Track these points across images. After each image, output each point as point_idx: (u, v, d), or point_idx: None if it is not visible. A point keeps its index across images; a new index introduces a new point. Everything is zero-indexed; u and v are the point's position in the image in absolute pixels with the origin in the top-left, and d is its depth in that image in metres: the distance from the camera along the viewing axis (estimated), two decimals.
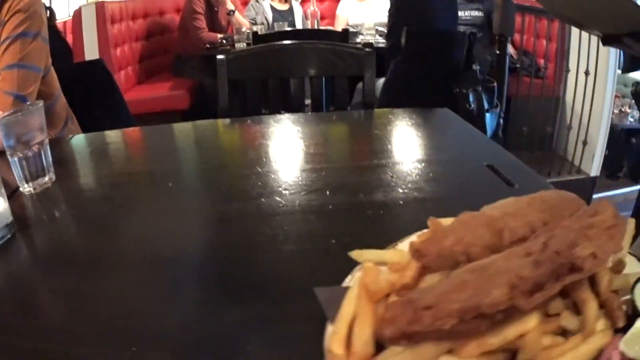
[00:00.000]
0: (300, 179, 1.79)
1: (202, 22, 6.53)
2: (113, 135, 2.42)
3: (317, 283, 1.03)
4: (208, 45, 6.30)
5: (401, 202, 1.62)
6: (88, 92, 2.98)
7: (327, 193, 1.67)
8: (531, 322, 0.83)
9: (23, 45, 2.42)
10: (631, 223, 1.07)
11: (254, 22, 6.88)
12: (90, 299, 1.21)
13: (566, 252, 0.85)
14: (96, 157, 2.25)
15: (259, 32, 5.59)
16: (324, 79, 3.01)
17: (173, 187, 1.81)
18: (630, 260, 1.06)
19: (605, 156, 5.71)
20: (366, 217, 1.56)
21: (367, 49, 2.82)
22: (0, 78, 2.39)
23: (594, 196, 5.57)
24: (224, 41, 6.41)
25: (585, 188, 5.62)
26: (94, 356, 1.04)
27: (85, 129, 2.85)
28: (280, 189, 1.69)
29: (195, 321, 1.13)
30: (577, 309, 0.91)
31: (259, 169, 1.90)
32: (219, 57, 2.83)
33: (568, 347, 0.85)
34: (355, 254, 1.08)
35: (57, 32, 5.26)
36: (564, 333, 0.89)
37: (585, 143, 5.67)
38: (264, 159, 2.02)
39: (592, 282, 0.93)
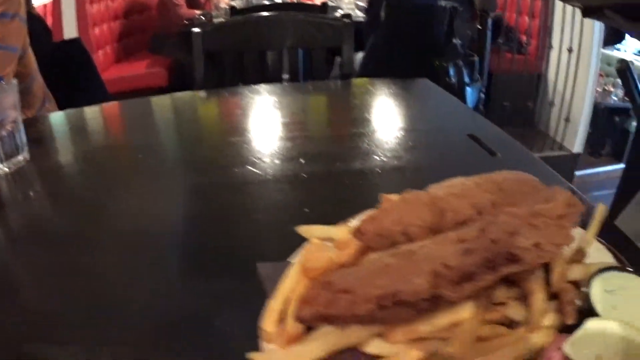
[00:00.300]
0: (274, 148, 1.75)
1: None
2: (89, 112, 2.38)
3: (289, 253, 1.01)
4: (186, 22, 6.25)
5: (379, 170, 1.58)
6: (65, 72, 2.93)
7: (302, 162, 1.63)
8: (465, 312, 0.80)
9: (1, 27, 2.38)
10: (601, 209, 1.05)
11: None
12: (64, 277, 1.19)
13: (505, 240, 0.81)
14: (72, 134, 2.21)
15: (237, 7, 5.55)
16: (301, 51, 2.97)
17: (146, 159, 1.78)
18: (597, 248, 1.04)
19: (588, 134, 5.71)
20: (343, 186, 1.53)
21: (345, 20, 2.79)
22: None
23: (577, 173, 5.58)
24: (202, 17, 6.35)
25: (567, 165, 5.63)
26: (66, 335, 1.01)
27: (62, 109, 2.81)
28: (253, 158, 1.65)
29: (166, 295, 1.10)
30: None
31: (233, 139, 1.87)
32: (195, 30, 2.78)
33: (504, 342, 0.81)
34: (302, 230, 1.06)
35: (36, 15, 5.20)
36: (515, 324, 0.85)
37: (567, 120, 5.67)
38: (239, 130, 1.99)
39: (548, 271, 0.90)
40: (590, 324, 0.77)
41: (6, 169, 1.70)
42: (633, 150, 2.43)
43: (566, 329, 0.81)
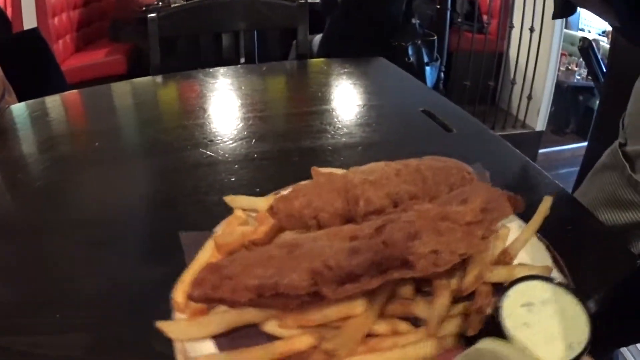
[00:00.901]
0: (228, 129, 1.75)
1: None
2: (49, 101, 2.36)
3: None
4: (145, 8, 6.22)
5: (330, 147, 1.59)
6: (24, 63, 2.91)
7: (253, 142, 1.63)
8: (356, 308, 0.82)
9: None
10: (546, 201, 1.08)
11: None
12: (23, 267, 1.19)
13: (401, 244, 0.80)
14: (30, 124, 2.19)
15: None
16: (257, 33, 2.96)
17: (104, 146, 1.77)
18: (537, 248, 1.05)
19: (551, 112, 5.75)
20: (292, 164, 1.53)
21: (300, 1, 2.78)
22: None
23: (540, 151, 5.62)
24: (160, 3, 6.32)
25: (530, 142, 5.66)
26: (19, 326, 1.01)
27: (22, 101, 2.80)
28: (205, 140, 1.65)
29: (118, 282, 1.09)
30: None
31: (187, 123, 1.86)
32: (150, 15, 2.77)
33: (394, 343, 0.81)
34: (228, 199, 1.11)
35: None
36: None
37: (529, 98, 5.70)
38: (194, 113, 1.97)
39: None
40: (483, 344, 0.75)
41: None
42: (595, 128, 2.45)
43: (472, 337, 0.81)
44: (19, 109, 2.32)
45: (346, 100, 2.03)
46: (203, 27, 2.92)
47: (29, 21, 5.65)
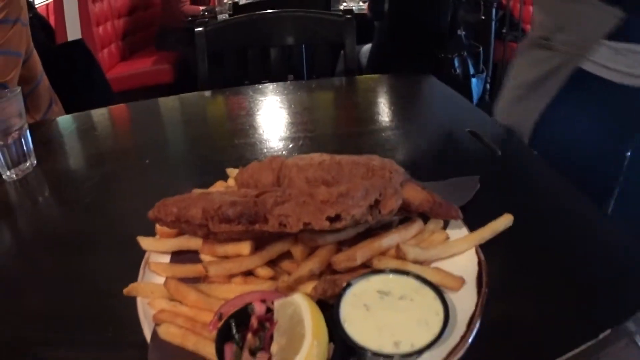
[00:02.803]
0: (277, 148, 1.76)
1: None
2: (95, 115, 2.39)
3: None
4: (190, 18, 6.26)
5: None
6: (70, 74, 2.94)
7: None
8: (244, 250, 1.09)
9: (3, 32, 2.40)
10: (503, 218, 1.19)
11: None
12: (71, 283, 1.22)
13: (267, 206, 1.05)
14: (78, 137, 2.23)
15: (240, 3, 5.55)
16: (304, 47, 2.95)
17: (150, 163, 1.79)
18: (468, 260, 1.12)
19: None
20: None
21: (347, 16, 2.78)
22: None
23: None
24: (206, 13, 6.36)
25: None
26: (71, 341, 1.04)
27: (68, 111, 2.82)
28: (256, 160, 1.65)
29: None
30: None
31: (236, 141, 1.88)
32: (197, 29, 2.78)
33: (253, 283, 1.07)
34: (228, 170, 1.49)
35: (39, 18, 5.18)
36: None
37: None
38: (242, 130, 1.99)
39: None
40: (295, 295, 0.93)
41: (14, 176, 1.72)
42: None
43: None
44: (65, 121, 2.35)
45: (395, 120, 2.02)
46: (250, 41, 2.93)
47: (73, 30, 5.71)
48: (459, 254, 1.13)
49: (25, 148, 1.76)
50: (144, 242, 1.22)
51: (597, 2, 1.63)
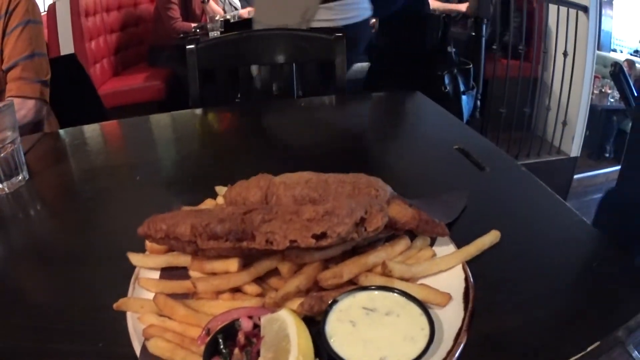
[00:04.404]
0: (266, 166, 1.76)
1: (175, 12, 6.50)
2: (87, 130, 2.40)
3: None
4: (182, 35, 6.27)
5: None
6: (62, 88, 2.96)
7: None
8: (232, 266, 1.11)
9: (34, 32, 2.53)
10: (490, 235, 1.22)
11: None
12: (60, 295, 1.23)
13: (255, 224, 1.08)
14: (70, 152, 2.24)
15: (231, 20, 5.58)
16: (294, 65, 2.97)
17: (141, 180, 1.81)
18: (455, 276, 1.14)
19: (586, 136, 5.70)
20: None
21: (337, 34, 2.79)
22: (21, 68, 2.49)
23: (575, 176, 5.58)
24: (198, 30, 6.38)
25: (565, 168, 5.62)
26: (63, 353, 1.05)
27: (60, 124, 2.84)
28: (246, 179, 1.66)
29: None
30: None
31: (226, 159, 1.91)
32: (189, 47, 2.79)
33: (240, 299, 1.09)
34: (217, 189, 1.51)
35: None
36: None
37: (564, 124, 5.67)
38: (232, 148, 2.02)
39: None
40: (281, 311, 0.94)
41: (6, 189, 1.73)
42: (628, 152, 2.44)
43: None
44: (58, 136, 2.37)
45: (383, 137, 2.04)
46: (241, 59, 2.94)
47: (66, 45, 5.70)
48: (446, 270, 1.15)
49: (17, 161, 1.77)
50: (134, 258, 1.23)
51: None
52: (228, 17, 6.15)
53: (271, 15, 3.57)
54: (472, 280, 1.09)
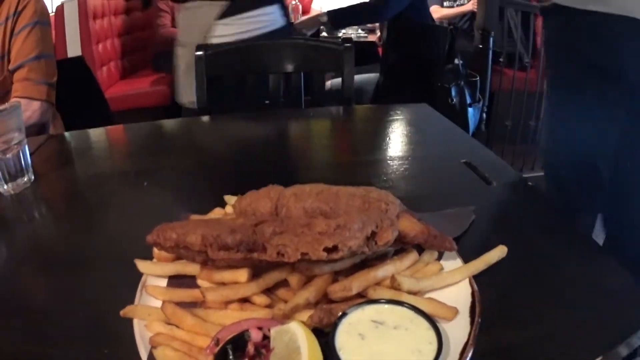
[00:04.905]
0: (275, 178, 1.76)
1: (165, 19, 6.56)
2: (93, 134, 2.41)
3: None
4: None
5: None
6: (68, 90, 2.97)
7: None
8: (241, 277, 1.11)
9: (42, 33, 2.55)
10: (497, 250, 1.22)
11: None
12: (65, 300, 1.23)
13: (266, 236, 1.09)
14: (77, 155, 2.25)
15: None
16: (302, 74, 2.97)
17: (148, 186, 1.81)
18: (461, 290, 1.14)
19: None
20: None
21: (346, 44, 2.79)
22: (27, 69, 2.51)
23: None
24: None
25: None
26: (67, 358, 1.06)
27: (66, 127, 2.84)
28: (254, 189, 1.66)
29: None
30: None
31: (234, 167, 1.91)
32: (197, 53, 2.80)
33: (250, 309, 1.10)
34: (226, 198, 1.52)
35: None
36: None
37: None
38: (239, 157, 2.02)
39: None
40: (291, 324, 0.95)
41: (11, 191, 1.74)
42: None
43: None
44: (65, 139, 2.37)
45: (391, 150, 2.04)
46: (250, 67, 2.96)
47: (73, 47, 5.70)
48: (453, 284, 1.15)
49: (23, 163, 1.77)
50: (142, 265, 1.23)
51: None
52: None
53: (191, 37, 3.66)
54: (478, 294, 1.10)
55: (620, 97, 1.89)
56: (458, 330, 1.02)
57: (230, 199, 1.49)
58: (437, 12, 6.56)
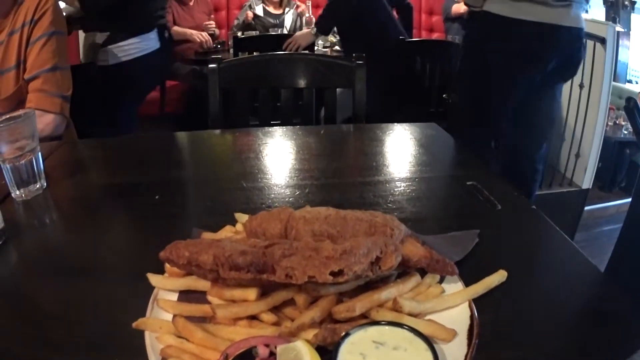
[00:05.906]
0: (283, 195, 1.79)
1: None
2: (106, 143, 2.44)
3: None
4: (202, 50, 6.36)
5: None
6: (81, 96, 3.00)
7: None
8: (250, 295, 1.15)
9: (58, 44, 2.53)
10: (497, 275, 1.26)
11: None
12: (75, 308, 1.25)
13: (275, 258, 1.12)
14: (90, 164, 2.28)
15: (239, 36, 5.67)
16: (314, 90, 3.00)
17: (160, 199, 1.83)
18: (460, 314, 1.18)
19: (598, 167, 5.68)
20: None
21: (358, 61, 2.82)
22: (42, 80, 2.51)
23: (586, 208, 5.56)
24: (219, 46, 6.47)
25: (576, 200, 5.60)
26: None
27: (78, 133, 2.86)
28: (263, 205, 1.70)
29: None
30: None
31: (244, 184, 1.92)
32: (211, 65, 2.83)
33: (258, 327, 1.14)
34: (236, 215, 1.54)
35: None
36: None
37: (577, 156, 5.66)
38: (250, 173, 2.04)
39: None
40: (296, 342, 1.00)
41: (22, 196, 1.77)
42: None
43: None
44: (77, 146, 2.39)
45: (399, 170, 2.07)
46: (262, 80, 3.01)
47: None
48: (453, 307, 1.19)
49: (36, 169, 1.81)
50: (154, 279, 1.27)
51: None
52: (239, 34, 6.20)
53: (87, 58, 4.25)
54: (477, 317, 1.14)
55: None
56: (455, 352, 1.06)
57: (241, 217, 1.52)
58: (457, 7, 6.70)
